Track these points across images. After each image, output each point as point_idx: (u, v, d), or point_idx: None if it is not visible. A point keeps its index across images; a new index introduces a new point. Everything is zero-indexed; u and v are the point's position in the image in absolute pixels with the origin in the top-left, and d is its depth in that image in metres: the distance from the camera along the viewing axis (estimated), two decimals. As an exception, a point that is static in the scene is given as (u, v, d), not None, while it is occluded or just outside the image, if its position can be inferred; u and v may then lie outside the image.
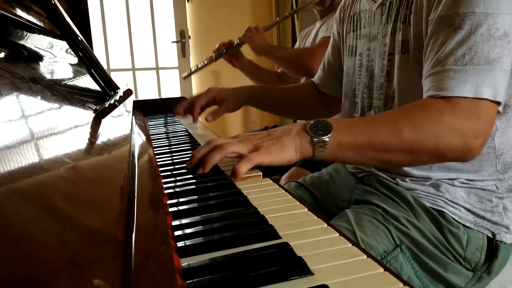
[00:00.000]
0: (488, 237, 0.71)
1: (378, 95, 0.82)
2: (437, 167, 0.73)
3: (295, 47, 1.89)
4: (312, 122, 0.62)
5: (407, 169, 0.75)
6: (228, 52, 1.77)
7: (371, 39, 0.84)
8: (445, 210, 0.70)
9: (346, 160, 0.64)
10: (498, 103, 0.61)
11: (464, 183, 0.72)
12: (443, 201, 0.71)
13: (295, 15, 2.62)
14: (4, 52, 0.58)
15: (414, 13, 0.72)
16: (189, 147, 0.82)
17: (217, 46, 1.80)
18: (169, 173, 0.63)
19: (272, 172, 1.32)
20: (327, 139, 0.60)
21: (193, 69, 1.92)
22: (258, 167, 0.66)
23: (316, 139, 0.61)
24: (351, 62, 0.92)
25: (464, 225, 0.70)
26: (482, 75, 0.59)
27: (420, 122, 0.61)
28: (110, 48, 3.33)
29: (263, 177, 0.62)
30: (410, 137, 0.60)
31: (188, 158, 0.70)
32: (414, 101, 0.65)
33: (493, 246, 0.70)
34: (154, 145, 0.85)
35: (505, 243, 0.71)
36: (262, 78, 1.85)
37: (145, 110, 1.41)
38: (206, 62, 1.85)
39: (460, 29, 0.61)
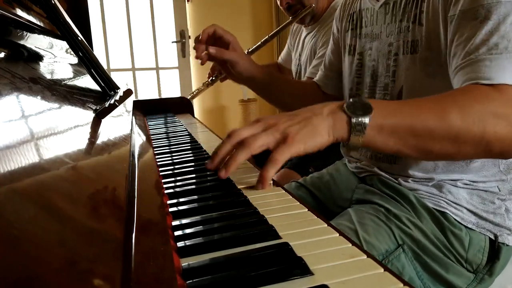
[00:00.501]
0: (490, 238, 0.71)
1: (381, 96, 0.81)
2: (441, 168, 0.73)
3: (288, 39, 1.86)
4: (350, 100, 0.55)
5: (410, 170, 0.75)
6: (221, 76, 1.77)
7: (374, 38, 0.83)
8: (448, 211, 0.70)
9: (384, 147, 0.56)
10: None
11: (466, 184, 0.72)
12: (446, 202, 0.71)
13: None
14: (4, 52, 0.58)
15: (426, 13, 0.70)
16: (189, 147, 0.82)
17: (210, 69, 1.79)
18: (169, 173, 0.63)
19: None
20: (367, 120, 0.53)
21: (195, 92, 1.95)
22: (260, 165, 0.66)
23: (355, 119, 0.53)
24: (349, 61, 0.91)
25: (466, 227, 0.70)
26: None
27: (470, 106, 0.55)
28: (110, 48, 3.33)
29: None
30: (458, 121, 0.54)
31: (188, 158, 0.70)
32: None
33: (495, 248, 0.70)
34: (154, 145, 0.85)
35: (507, 245, 0.71)
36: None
37: (145, 110, 1.41)
38: (203, 87, 1.87)
39: (488, 19, 0.58)
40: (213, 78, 1.79)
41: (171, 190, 0.54)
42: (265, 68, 1.02)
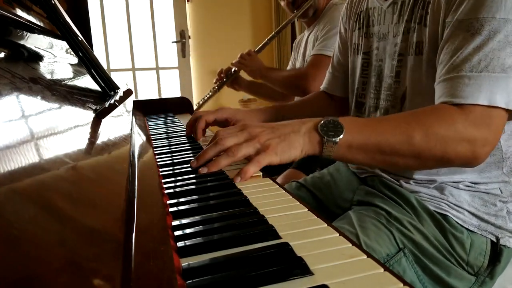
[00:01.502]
0: (491, 241, 0.70)
1: (385, 96, 0.81)
2: (443, 170, 0.73)
3: (291, 58, 1.90)
4: (323, 121, 0.61)
5: (412, 171, 0.75)
6: (229, 80, 1.83)
7: (381, 38, 0.83)
8: (449, 214, 0.70)
9: (352, 161, 0.64)
10: (510, 111, 0.61)
11: (468, 186, 0.72)
12: (447, 204, 0.71)
13: (294, 21, 2.62)
14: (4, 52, 0.58)
15: (431, 14, 0.70)
16: (189, 147, 0.82)
17: (217, 75, 1.87)
18: (169, 173, 0.63)
19: (272, 172, 1.32)
20: (337, 140, 0.60)
21: (201, 102, 2.01)
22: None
23: (326, 139, 0.60)
24: (356, 61, 0.91)
25: (467, 229, 0.70)
26: (497, 83, 0.59)
27: (433, 128, 0.60)
28: (110, 48, 3.34)
29: (263, 177, 0.62)
30: (421, 143, 0.60)
31: (188, 158, 0.70)
32: (426, 103, 0.64)
33: (496, 251, 0.70)
34: (154, 145, 0.85)
35: (508, 247, 0.70)
36: (267, 92, 1.87)
37: (145, 110, 1.41)
38: (210, 93, 1.94)
39: (478, 34, 0.60)
40: (220, 84, 1.87)
41: (171, 190, 0.54)
42: (272, 112, 1.01)
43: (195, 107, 1.97)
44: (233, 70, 1.82)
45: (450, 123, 0.60)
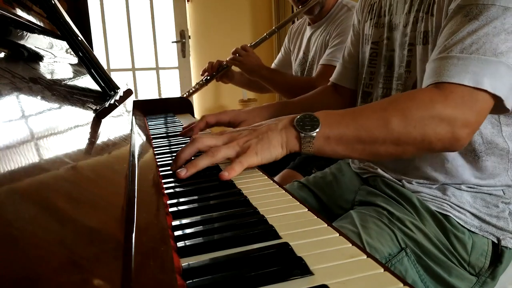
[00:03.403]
0: (493, 242, 0.70)
1: (396, 86, 0.80)
2: (445, 170, 0.72)
3: (284, 42, 1.83)
4: (299, 116, 0.61)
5: (415, 170, 0.75)
6: (218, 74, 1.72)
7: (392, 28, 0.83)
8: (451, 215, 0.70)
9: (334, 154, 0.62)
10: (496, 98, 0.59)
11: (470, 187, 0.72)
12: (449, 205, 0.71)
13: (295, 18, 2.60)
14: (4, 52, 0.58)
15: (437, 4, 0.70)
16: (189, 147, 0.82)
17: (206, 67, 1.75)
18: (169, 173, 0.63)
19: (271, 173, 1.32)
20: (314, 134, 0.59)
21: (187, 93, 1.85)
22: (260, 167, 0.66)
23: (303, 134, 0.60)
24: (365, 50, 0.91)
25: (469, 230, 0.70)
26: (486, 65, 0.57)
27: (410, 110, 0.59)
28: (110, 48, 3.34)
29: (263, 177, 0.62)
30: (399, 126, 0.59)
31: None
32: None
33: (498, 252, 0.70)
34: (154, 145, 0.85)
35: (510, 248, 0.70)
36: (259, 85, 1.76)
37: (145, 110, 1.41)
38: (197, 86, 1.80)
39: (475, 19, 0.60)
40: (208, 78, 1.76)
41: (171, 190, 0.54)
42: (277, 109, 0.99)
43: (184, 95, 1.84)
44: (224, 63, 1.70)
45: (429, 104, 0.59)
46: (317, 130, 0.59)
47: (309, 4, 1.51)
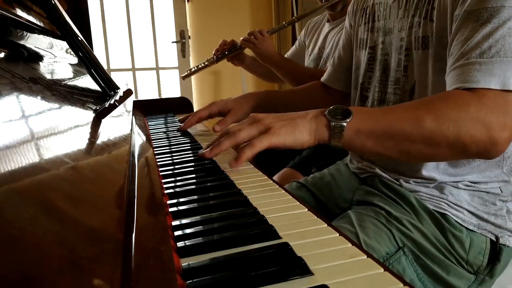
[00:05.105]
0: (491, 240, 0.70)
1: (393, 90, 0.81)
2: (442, 168, 0.73)
3: (300, 35, 1.81)
4: (331, 107, 0.61)
5: (412, 170, 0.75)
6: (231, 54, 1.68)
7: (386, 32, 0.83)
8: (448, 213, 0.70)
9: (363, 149, 0.61)
10: None
11: (468, 185, 0.72)
12: (447, 203, 0.71)
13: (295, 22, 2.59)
14: (4, 52, 0.58)
15: (438, 9, 0.70)
16: (189, 147, 0.82)
17: (218, 46, 1.71)
18: (169, 173, 0.63)
19: (271, 172, 1.32)
20: (344, 123, 0.59)
21: (193, 69, 1.83)
22: (260, 165, 0.66)
23: (334, 123, 0.59)
24: (361, 55, 0.91)
25: (467, 228, 0.70)
26: (509, 67, 0.57)
27: (443, 111, 0.57)
28: (110, 48, 3.33)
29: (263, 177, 0.62)
30: (431, 125, 0.57)
31: (188, 158, 0.71)
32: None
33: (496, 250, 0.70)
34: (154, 145, 0.85)
35: (508, 246, 0.71)
36: (268, 73, 1.72)
37: (145, 110, 1.41)
38: (206, 63, 1.76)
39: (488, 23, 0.59)
40: (220, 56, 1.69)
41: (171, 190, 0.54)
42: (263, 97, 1.01)
43: (186, 73, 1.82)
44: (238, 45, 1.64)
45: (463, 105, 0.57)
46: (348, 120, 0.59)
47: (333, 0, 1.50)
